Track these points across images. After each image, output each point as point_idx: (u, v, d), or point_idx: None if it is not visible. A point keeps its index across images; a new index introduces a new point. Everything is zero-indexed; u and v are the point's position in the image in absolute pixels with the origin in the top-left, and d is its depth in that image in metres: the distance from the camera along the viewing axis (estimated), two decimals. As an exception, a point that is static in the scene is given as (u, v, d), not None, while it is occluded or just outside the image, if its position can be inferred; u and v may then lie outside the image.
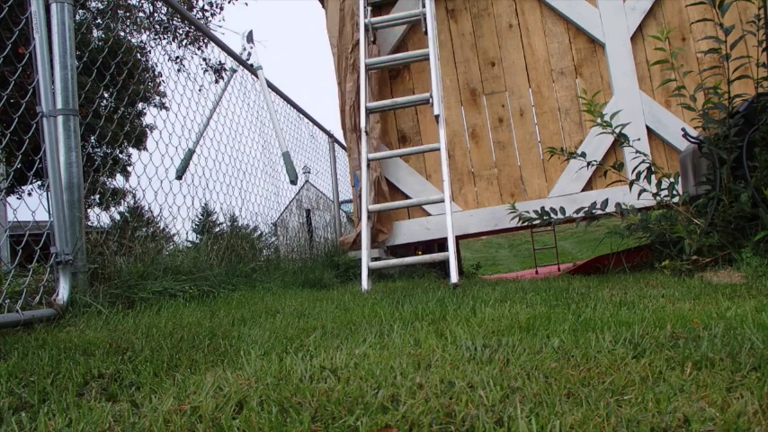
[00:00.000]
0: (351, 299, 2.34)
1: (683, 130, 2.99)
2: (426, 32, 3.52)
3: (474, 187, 4.15)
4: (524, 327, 1.39)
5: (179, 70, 10.32)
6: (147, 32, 10.42)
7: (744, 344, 1.07)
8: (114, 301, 2.06)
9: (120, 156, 8.86)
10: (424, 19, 3.57)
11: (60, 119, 2.10)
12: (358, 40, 3.99)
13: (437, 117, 3.22)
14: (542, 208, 3.32)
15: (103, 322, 1.77)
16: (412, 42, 4.31)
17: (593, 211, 3.22)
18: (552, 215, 3.29)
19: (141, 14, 10.09)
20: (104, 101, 7.59)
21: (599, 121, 3.09)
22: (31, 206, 2.32)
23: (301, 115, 5.64)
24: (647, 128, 3.87)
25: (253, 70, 4.36)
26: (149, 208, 2.90)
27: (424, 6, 3.57)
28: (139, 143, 8.56)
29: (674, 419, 0.73)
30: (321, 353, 1.21)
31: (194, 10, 10.94)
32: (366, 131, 3.33)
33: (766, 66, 2.66)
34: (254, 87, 4.41)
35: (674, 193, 2.94)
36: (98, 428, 0.84)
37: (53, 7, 2.16)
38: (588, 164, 3.28)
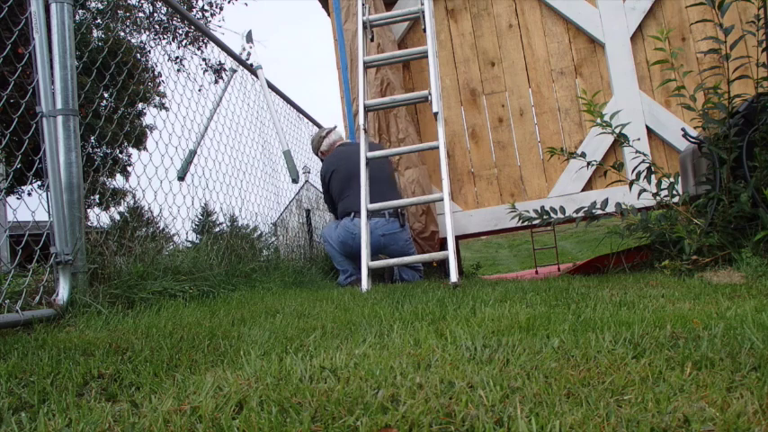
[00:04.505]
0: (351, 299, 2.34)
1: (683, 130, 2.99)
2: (425, 30, 3.52)
3: (474, 187, 4.15)
4: (524, 327, 1.39)
5: (179, 70, 10.33)
6: (147, 32, 10.42)
7: (744, 344, 1.07)
8: (114, 302, 2.06)
9: (120, 156, 8.86)
10: (423, 17, 3.57)
11: (60, 119, 2.10)
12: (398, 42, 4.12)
13: (436, 114, 3.21)
14: (542, 207, 3.32)
15: (103, 322, 1.77)
16: (412, 42, 4.31)
17: (593, 210, 3.21)
18: (552, 215, 3.29)
19: (141, 15, 10.09)
20: (104, 101, 7.59)
21: (599, 121, 3.09)
22: (30, 206, 2.32)
23: (301, 115, 5.64)
24: (647, 128, 3.87)
25: (252, 70, 4.36)
26: (149, 208, 2.90)
27: (422, 4, 3.57)
28: (139, 143, 8.56)
29: (674, 419, 0.73)
30: (321, 353, 1.21)
31: (194, 10, 10.94)
32: (364, 129, 3.33)
33: (766, 66, 2.66)
34: (253, 87, 4.41)
35: (674, 193, 2.94)
36: (98, 428, 0.84)
37: (53, 7, 2.16)
38: (588, 164, 3.28)
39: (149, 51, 9.65)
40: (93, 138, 7.40)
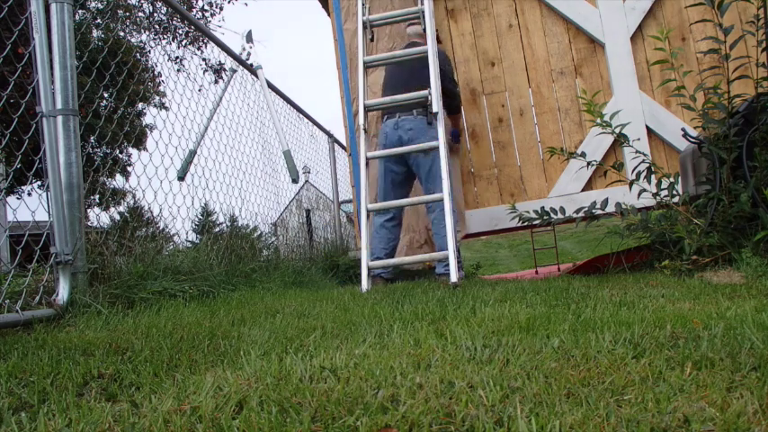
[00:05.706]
0: (351, 299, 2.34)
1: (683, 129, 2.99)
2: (425, 30, 3.52)
3: (474, 187, 4.15)
4: (524, 327, 1.39)
5: (179, 70, 10.32)
6: (147, 32, 10.42)
7: (744, 344, 1.07)
8: (114, 302, 2.06)
9: (120, 156, 8.86)
10: (423, 17, 3.57)
11: (60, 119, 2.10)
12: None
13: (435, 114, 3.22)
14: (542, 207, 3.32)
15: (103, 322, 1.77)
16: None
17: (593, 210, 3.21)
18: (552, 215, 3.29)
19: (141, 14, 10.09)
20: (104, 101, 7.59)
21: (599, 121, 3.09)
22: (30, 206, 2.32)
23: (301, 115, 5.64)
24: (647, 128, 3.87)
25: (252, 70, 4.36)
26: (149, 208, 2.90)
27: (422, 4, 3.57)
28: (139, 143, 8.55)
29: (673, 419, 0.73)
30: (321, 353, 1.21)
31: (194, 10, 10.94)
32: (365, 129, 3.33)
33: (766, 66, 2.66)
34: (253, 87, 4.41)
35: (674, 193, 2.94)
36: (98, 428, 0.84)
37: (53, 7, 2.16)
38: (588, 164, 3.27)
39: (149, 51, 9.65)
40: (93, 138, 7.40)
